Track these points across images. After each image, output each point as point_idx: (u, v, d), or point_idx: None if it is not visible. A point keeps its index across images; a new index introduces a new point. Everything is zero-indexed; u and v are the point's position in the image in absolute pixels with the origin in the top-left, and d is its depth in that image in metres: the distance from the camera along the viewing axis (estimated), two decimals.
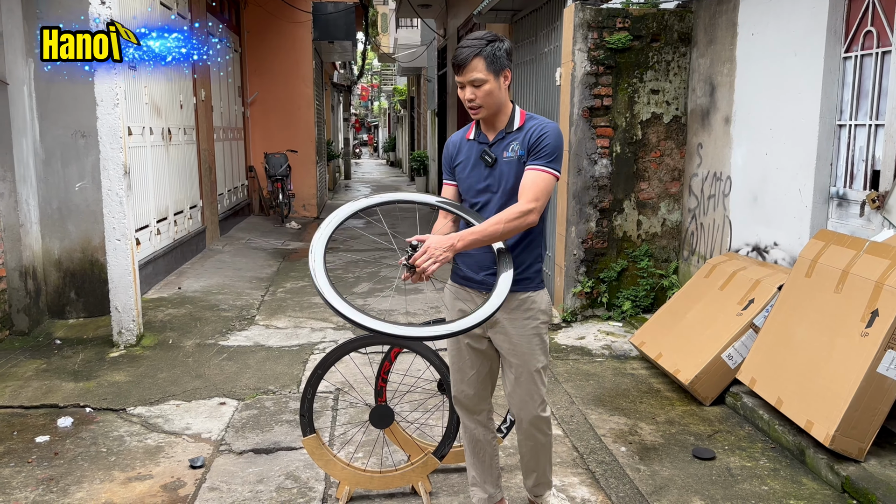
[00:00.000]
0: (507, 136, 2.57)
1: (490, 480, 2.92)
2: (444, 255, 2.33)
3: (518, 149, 2.54)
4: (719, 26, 5.36)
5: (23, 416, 4.06)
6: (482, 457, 2.89)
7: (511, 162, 2.55)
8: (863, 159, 4.11)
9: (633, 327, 5.62)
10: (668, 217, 6.01)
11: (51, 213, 5.75)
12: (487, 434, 2.88)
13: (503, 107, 2.56)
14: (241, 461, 3.55)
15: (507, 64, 2.51)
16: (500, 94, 2.52)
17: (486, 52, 2.45)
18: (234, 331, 5.70)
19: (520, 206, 2.44)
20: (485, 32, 2.53)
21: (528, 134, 2.54)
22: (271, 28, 12.37)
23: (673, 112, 5.87)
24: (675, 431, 3.89)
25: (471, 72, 2.46)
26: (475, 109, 2.53)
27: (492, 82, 2.48)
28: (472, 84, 2.48)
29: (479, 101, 2.50)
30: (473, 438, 2.88)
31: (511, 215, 2.43)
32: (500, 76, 2.49)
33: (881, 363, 3.27)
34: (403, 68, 21.90)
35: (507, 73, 2.52)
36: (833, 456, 3.33)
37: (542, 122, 2.57)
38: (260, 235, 10.60)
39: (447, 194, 2.76)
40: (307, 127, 13.07)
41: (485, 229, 2.42)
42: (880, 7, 3.95)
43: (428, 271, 2.31)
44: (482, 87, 2.47)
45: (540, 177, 2.48)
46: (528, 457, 2.86)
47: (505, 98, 2.55)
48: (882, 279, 3.44)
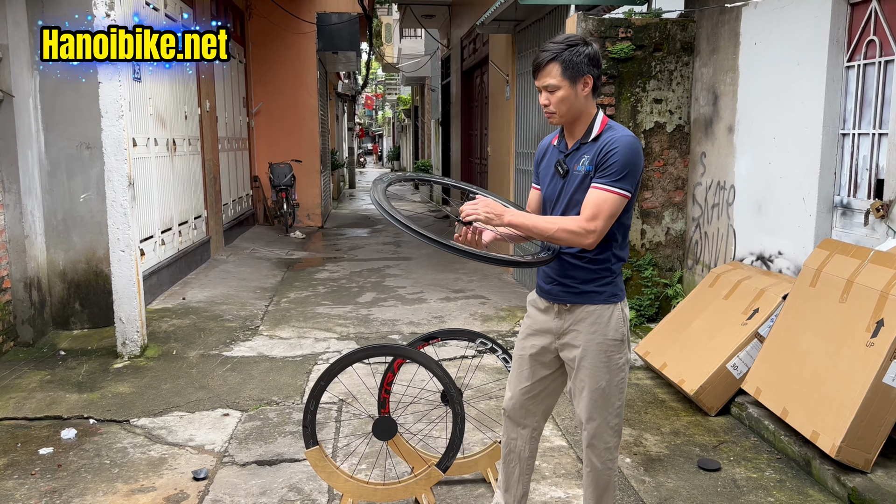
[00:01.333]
0: (582, 147, 2.48)
1: (513, 492, 2.83)
2: (491, 214, 2.31)
3: (587, 163, 2.43)
4: (722, 36, 5.37)
5: (26, 428, 4.06)
6: (512, 467, 2.81)
7: (579, 177, 2.46)
8: (867, 168, 4.10)
9: (637, 337, 5.61)
10: (671, 226, 6.00)
11: (56, 224, 5.77)
12: (524, 450, 2.78)
13: (582, 114, 2.47)
14: (245, 473, 3.54)
15: (587, 70, 2.40)
16: (578, 101, 2.43)
17: (563, 56, 2.38)
18: (238, 341, 5.70)
19: (579, 223, 2.35)
20: (567, 35, 2.45)
21: (599, 147, 2.42)
22: (276, 39, 12.44)
23: (676, 121, 5.87)
24: (680, 442, 3.86)
25: (545, 77, 2.40)
26: (550, 115, 2.47)
27: (566, 89, 2.40)
28: (546, 89, 2.42)
29: (553, 107, 2.44)
30: (508, 447, 2.81)
31: (567, 225, 2.35)
32: (577, 83, 2.40)
33: (887, 373, 3.25)
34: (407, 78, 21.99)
35: (588, 79, 2.41)
36: (839, 467, 3.31)
37: (614, 134, 2.43)
38: (264, 245, 10.62)
39: (531, 198, 2.72)
40: (311, 137, 13.11)
41: (537, 222, 2.38)
42: (883, 17, 3.95)
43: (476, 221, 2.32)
44: (556, 93, 2.41)
45: (601, 196, 2.35)
46: (584, 481, 2.69)
47: (584, 105, 2.46)
48: (887, 289, 3.42)
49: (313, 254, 10.30)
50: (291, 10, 12.28)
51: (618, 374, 2.54)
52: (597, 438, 2.58)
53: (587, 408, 2.56)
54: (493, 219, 2.34)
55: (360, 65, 19.67)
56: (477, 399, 4.42)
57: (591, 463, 2.62)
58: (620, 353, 2.54)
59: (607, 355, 2.52)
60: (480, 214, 2.34)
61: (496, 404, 4.36)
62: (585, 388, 2.54)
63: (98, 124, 5.09)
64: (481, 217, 2.34)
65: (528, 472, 2.83)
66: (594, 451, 2.59)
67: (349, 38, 13.53)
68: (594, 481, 2.64)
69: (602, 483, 2.63)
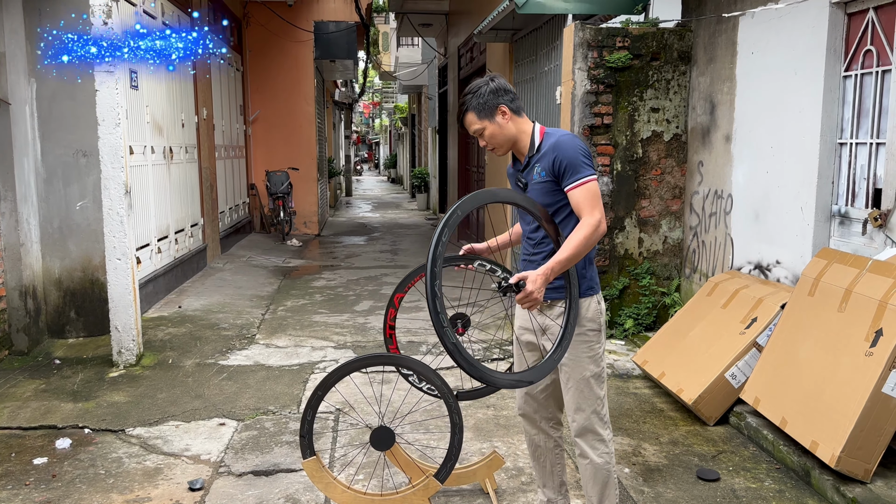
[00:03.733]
0: (532, 160, 2.68)
1: (551, 485, 3.00)
2: (539, 291, 2.44)
3: (541, 170, 2.64)
4: (719, 45, 5.38)
5: (21, 438, 4.03)
6: (542, 461, 2.98)
7: (538, 184, 2.66)
8: (864, 177, 4.10)
9: (635, 346, 5.59)
10: (669, 235, 6.00)
11: (52, 232, 5.74)
12: (548, 441, 2.94)
13: (520, 135, 2.69)
14: (241, 483, 3.52)
15: (496, 102, 2.64)
16: (506, 129, 2.67)
17: (472, 104, 2.65)
18: (235, 350, 5.67)
19: (586, 221, 2.53)
20: (470, 86, 2.70)
21: (547, 155, 2.62)
22: (273, 47, 12.46)
23: (673, 130, 5.88)
24: (679, 452, 3.85)
25: (469, 126, 2.69)
26: (494, 150, 2.73)
27: (490, 126, 2.66)
28: (476, 134, 2.69)
29: (489, 144, 2.70)
30: (532, 443, 2.99)
31: (582, 236, 2.51)
32: (494, 117, 2.65)
33: (886, 383, 3.24)
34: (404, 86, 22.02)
35: (503, 107, 2.65)
36: (839, 477, 3.29)
37: (552, 140, 2.63)
38: (261, 253, 10.60)
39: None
40: (308, 145, 13.12)
41: (564, 256, 2.49)
42: (880, 26, 3.96)
43: (533, 309, 2.48)
44: (484, 133, 2.67)
45: (581, 191, 2.56)
46: (583, 479, 2.81)
47: (515, 129, 2.68)
48: (885, 298, 3.42)
49: (310, 262, 10.28)
50: (289, 19, 12.31)
51: (599, 363, 2.72)
52: (588, 429, 2.71)
53: (575, 399, 2.71)
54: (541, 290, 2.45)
55: (358, 73, 19.69)
56: (475, 408, 4.40)
57: (586, 454, 2.74)
58: (599, 343, 2.72)
59: (588, 345, 2.68)
60: (537, 302, 2.45)
61: (494, 413, 4.34)
62: (571, 379, 2.71)
63: (95, 132, 5.08)
64: (537, 304, 2.46)
65: (560, 462, 2.98)
66: (587, 441, 2.73)
67: (346, 47, 13.56)
68: (593, 475, 2.75)
69: (601, 478, 2.74)
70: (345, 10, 12.99)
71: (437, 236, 2.37)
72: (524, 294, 2.42)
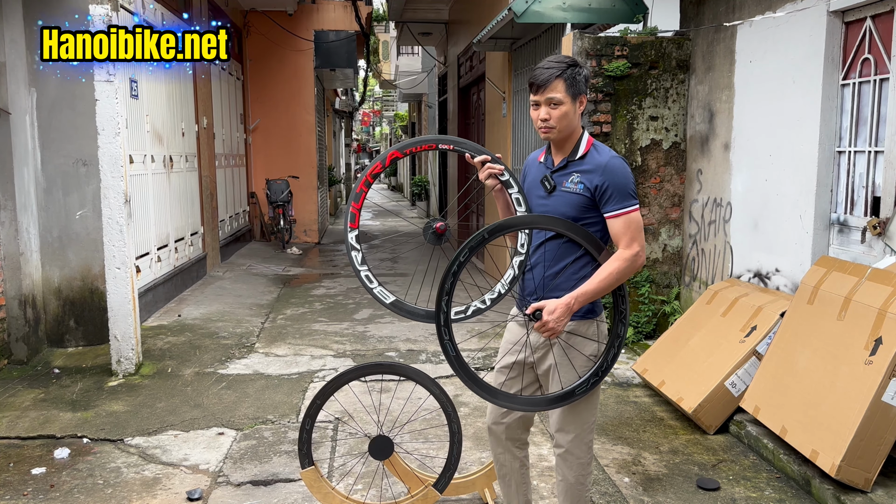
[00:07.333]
0: (570, 165, 2.56)
1: None
2: (564, 322, 2.39)
3: (579, 182, 2.51)
4: (717, 54, 5.40)
5: (19, 448, 4.01)
6: (507, 480, 2.90)
7: (569, 194, 2.53)
8: (863, 186, 4.11)
9: (635, 354, 5.58)
10: (668, 243, 6.00)
11: (51, 241, 5.74)
12: (514, 462, 2.86)
13: (574, 132, 2.56)
14: (239, 493, 3.50)
15: (584, 90, 2.52)
16: (574, 118, 2.53)
17: (567, 74, 2.47)
18: (234, 359, 5.67)
19: (624, 255, 2.44)
20: (565, 56, 2.56)
21: (591, 170, 2.50)
22: (273, 56, 12.49)
23: (672, 138, 5.89)
24: (678, 461, 3.84)
25: (550, 91, 2.48)
26: (548, 130, 2.53)
27: (568, 105, 2.49)
28: (550, 103, 2.49)
29: (554, 121, 2.50)
30: (498, 461, 2.89)
31: (618, 268, 2.42)
32: (576, 100, 2.51)
33: (886, 391, 3.23)
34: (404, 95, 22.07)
35: (584, 98, 2.54)
36: (839, 486, 3.28)
37: (601, 160, 2.51)
38: (261, 261, 10.60)
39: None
40: (308, 153, 13.14)
41: (596, 287, 2.42)
42: (877, 35, 3.97)
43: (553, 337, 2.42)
44: (559, 107, 2.49)
45: (625, 220, 2.47)
46: (557, 493, 2.75)
47: (577, 123, 2.56)
48: (885, 307, 3.41)
49: (310, 270, 10.28)
50: (289, 28, 12.35)
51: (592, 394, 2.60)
52: (570, 452, 2.64)
53: (560, 419, 2.62)
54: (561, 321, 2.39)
55: (358, 81, 19.74)
56: (475, 416, 4.39)
57: (563, 475, 2.68)
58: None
59: (584, 369, 2.58)
60: (556, 333, 2.40)
61: None
62: None
63: (94, 141, 5.09)
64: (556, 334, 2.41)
65: (525, 482, 2.90)
66: (567, 463, 2.66)
67: (346, 56, 13.59)
68: (565, 492, 2.70)
69: (574, 497, 2.69)
70: (345, 20, 13.03)
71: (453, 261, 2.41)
72: (541, 324, 2.37)
